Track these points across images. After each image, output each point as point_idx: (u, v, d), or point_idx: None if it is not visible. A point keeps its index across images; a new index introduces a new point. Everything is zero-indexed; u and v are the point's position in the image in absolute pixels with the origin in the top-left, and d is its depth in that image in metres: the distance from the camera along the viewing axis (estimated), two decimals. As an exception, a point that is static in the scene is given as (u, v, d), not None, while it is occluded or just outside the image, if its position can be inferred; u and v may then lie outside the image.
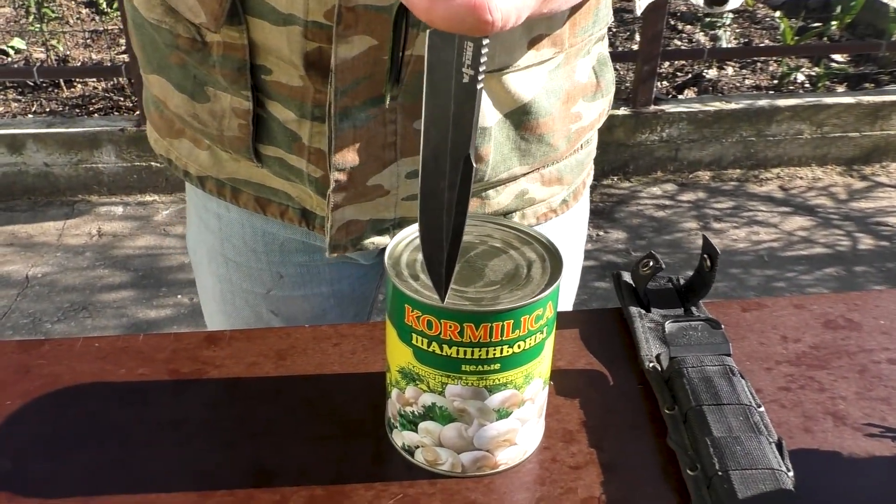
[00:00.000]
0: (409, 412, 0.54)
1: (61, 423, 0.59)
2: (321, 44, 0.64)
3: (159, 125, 0.82)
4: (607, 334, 0.68)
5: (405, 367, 0.52)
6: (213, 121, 0.73)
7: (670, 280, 0.72)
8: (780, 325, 0.70)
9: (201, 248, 0.91)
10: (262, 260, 0.86)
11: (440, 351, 0.50)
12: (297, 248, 0.85)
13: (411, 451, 0.56)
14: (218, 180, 0.81)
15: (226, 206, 0.84)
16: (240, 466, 0.56)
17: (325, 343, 0.67)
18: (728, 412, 0.57)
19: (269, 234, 0.85)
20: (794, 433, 0.59)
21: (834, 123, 3.00)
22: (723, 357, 0.62)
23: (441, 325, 0.49)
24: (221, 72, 0.69)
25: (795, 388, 0.63)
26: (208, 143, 0.78)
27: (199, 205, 0.88)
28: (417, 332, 0.50)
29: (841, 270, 2.51)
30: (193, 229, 0.92)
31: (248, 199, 0.81)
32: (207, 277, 0.92)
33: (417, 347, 0.51)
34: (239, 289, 0.89)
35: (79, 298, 2.26)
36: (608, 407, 0.61)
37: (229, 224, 0.85)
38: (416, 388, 0.53)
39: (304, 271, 0.87)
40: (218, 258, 0.88)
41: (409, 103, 0.67)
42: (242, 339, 0.69)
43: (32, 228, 2.55)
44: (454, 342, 0.49)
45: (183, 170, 0.83)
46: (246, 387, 0.63)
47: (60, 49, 3.26)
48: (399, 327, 0.51)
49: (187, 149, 0.80)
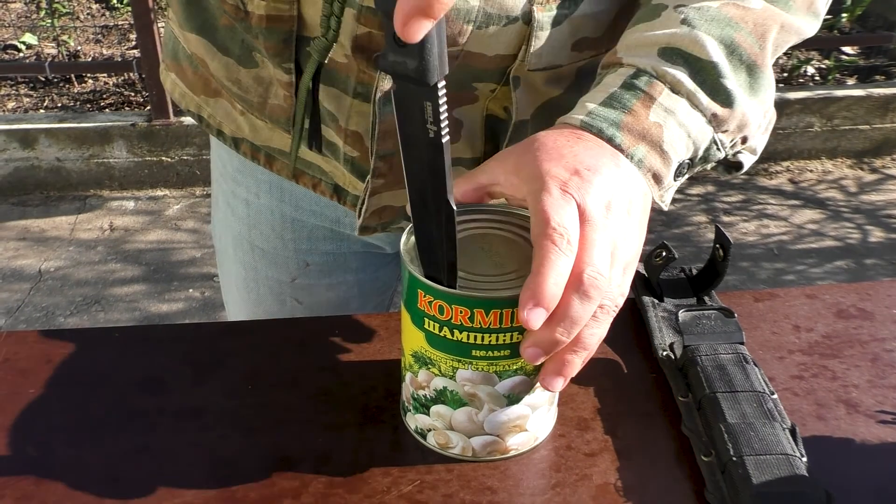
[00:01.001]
0: (422, 395, 0.55)
1: (83, 411, 0.60)
2: (372, 29, 0.63)
3: (192, 81, 0.80)
4: (621, 324, 0.69)
5: (418, 350, 0.53)
6: (257, 87, 0.73)
7: (682, 270, 0.72)
8: (792, 315, 0.71)
9: (227, 235, 0.91)
10: (289, 248, 0.87)
11: (451, 336, 0.51)
12: (325, 235, 0.86)
13: (423, 433, 0.57)
14: (253, 144, 0.80)
15: (255, 192, 0.84)
16: (260, 453, 0.57)
17: (343, 333, 0.68)
18: (742, 399, 0.57)
19: (298, 222, 0.85)
20: (807, 420, 0.60)
21: (844, 116, 2.99)
22: (736, 345, 0.62)
23: (452, 311, 0.50)
24: (265, 43, 0.68)
25: (808, 376, 0.64)
26: (242, 109, 0.77)
27: (227, 191, 0.88)
28: (430, 316, 0.51)
29: (851, 263, 2.50)
30: (220, 216, 0.92)
31: (282, 167, 0.80)
32: (232, 265, 0.93)
33: (429, 332, 0.52)
34: (264, 277, 0.90)
35: (91, 292, 2.27)
36: (622, 395, 0.62)
37: (258, 211, 0.86)
38: (429, 372, 0.53)
39: (331, 259, 0.88)
40: (244, 245, 0.89)
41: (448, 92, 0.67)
42: (261, 329, 0.70)
43: (45, 223, 2.56)
44: (465, 327, 0.50)
45: (216, 128, 0.81)
46: (265, 376, 0.64)
47: (71, 44, 3.27)
48: (413, 312, 0.52)
49: (224, 110, 0.79)
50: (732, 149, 0.60)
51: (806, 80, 3.25)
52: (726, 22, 0.57)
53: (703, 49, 0.56)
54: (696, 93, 0.56)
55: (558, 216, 0.48)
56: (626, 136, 0.54)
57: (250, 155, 0.81)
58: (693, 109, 0.56)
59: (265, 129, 0.77)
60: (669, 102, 0.56)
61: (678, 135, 0.56)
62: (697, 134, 0.57)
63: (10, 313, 2.19)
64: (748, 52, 0.58)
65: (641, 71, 0.57)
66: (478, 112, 0.70)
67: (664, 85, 0.56)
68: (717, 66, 0.57)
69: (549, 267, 0.47)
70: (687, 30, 0.57)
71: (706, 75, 0.57)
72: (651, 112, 0.55)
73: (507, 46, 0.64)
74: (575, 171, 0.51)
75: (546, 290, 0.47)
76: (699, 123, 0.57)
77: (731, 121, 0.58)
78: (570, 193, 0.50)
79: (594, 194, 0.50)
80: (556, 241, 0.47)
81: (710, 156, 0.59)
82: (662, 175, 0.56)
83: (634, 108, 0.55)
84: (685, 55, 0.57)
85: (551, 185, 0.50)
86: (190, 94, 0.81)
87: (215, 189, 0.92)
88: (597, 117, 0.55)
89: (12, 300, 2.23)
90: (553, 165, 0.51)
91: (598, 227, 0.50)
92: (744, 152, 0.61)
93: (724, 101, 0.57)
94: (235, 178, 0.87)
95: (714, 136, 0.58)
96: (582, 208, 0.50)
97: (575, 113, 0.57)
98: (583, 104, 0.57)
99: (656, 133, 0.55)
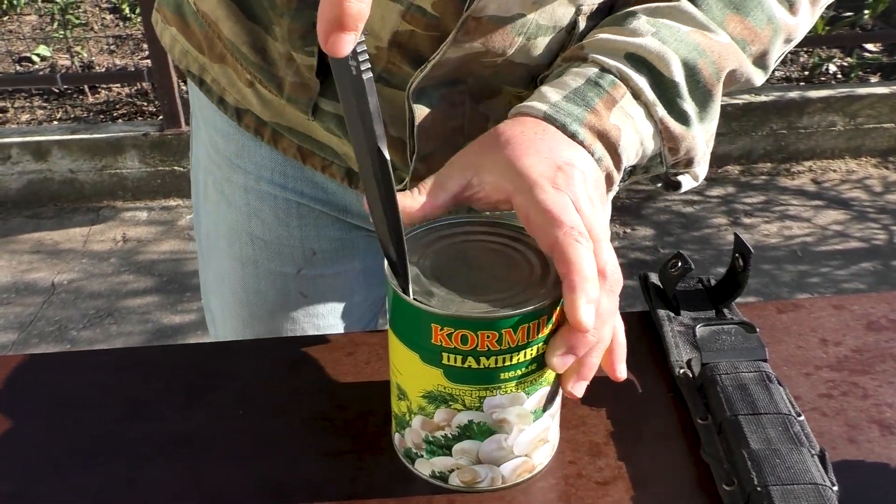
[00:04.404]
0: (441, 437, 0.51)
1: (69, 440, 0.57)
2: (416, 28, 0.62)
3: (197, 41, 0.74)
4: (634, 339, 0.65)
5: (433, 390, 0.49)
6: (281, 60, 0.69)
7: (700, 281, 0.68)
8: (818, 328, 0.66)
9: (220, 227, 0.85)
10: (294, 236, 0.82)
11: (477, 365, 0.47)
12: (332, 221, 0.82)
13: (444, 476, 0.52)
14: (259, 118, 0.75)
15: (256, 177, 0.79)
16: (251, 483, 0.54)
17: (338, 353, 0.65)
18: (766, 422, 0.53)
19: (305, 207, 0.81)
20: (837, 444, 0.55)
21: (868, 114, 2.93)
22: (759, 363, 0.58)
23: (478, 337, 0.46)
24: (290, 25, 0.65)
25: (838, 394, 0.60)
26: (250, 80, 0.72)
27: (220, 179, 0.82)
28: (449, 350, 0.47)
29: (878, 265, 2.44)
30: (209, 208, 0.86)
31: (288, 145, 0.76)
32: (226, 262, 0.86)
33: (450, 367, 0.48)
34: (266, 271, 0.84)
35: (104, 305, 2.26)
36: (637, 417, 0.58)
37: (259, 198, 0.80)
38: (449, 410, 0.49)
39: (339, 246, 0.83)
40: (242, 237, 0.83)
41: (475, 87, 0.66)
42: (254, 349, 0.67)
43: (58, 235, 2.55)
44: (492, 352, 0.47)
45: (218, 95, 0.77)
46: (258, 399, 0.60)
47: (84, 55, 3.28)
48: (424, 350, 0.48)
49: (228, 78, 0.74)
50: (674, 167, 0.61)
51: (828, 78, 3.19)
52: (693, 46, 0.58)
53: (668, 66, 0.57)
54: (655, 104, 0.57)
55: (568, 216, 0.48)
56: (587, 133, 0.55)
57: (253, 129, 0.76)
58: (648, 119, 0.57)
59: (276, 105, 0.73)
60: (630, 107, 0.56)
61: (632, 140, 0.57)
62: (647, 143, 0.58)
63: (23, 327, 2.18)
64: (706, 81, 0.59)
65: (606, 70, 0.57)
66: (502, 105, 0.68)
67: (626, 89, 0.57)
68: (678, 86, 0.57)
69: (587, 267, 0.47)
70: (657, 44, 0.57)
71: (665, 90, 0.57)
72: (612, 114, 0.56)
73: (547, 55, 0.64)
74: (557, 167, 0.51)
75: (596, 292, 0.47)
76: (651, 133, 0.58)
77: (681, 141, 0.59)
78: (562, 190, 0.50)
79: (580, 189, 0.51)
80: (579, 240, 0.47)
81: (651, 168, 0.61)
82: (613, 178, 0.57)
83: (597, 106, 0.55)
84: (650, 66, 0.57)
85: (543, 183, 0.50)
86: (193, 54, 0.76)
87: (202, 178, 0.86)
88: (560, 111, 0.55)
89: (25, 314, 2.22)
90: (534, 161, 0.51)
91: (595, 221, 0.50)
92: (686, 175, 0.63)
93: (679, 120, 0.58)
94: (232, 163, 0.80)
95: (661, 150, 0.59)
96: (575, 204, 0.50)
97: (535, 101, 0.56)
98: (543, 94, 0.57)
99: (614, 135, 0.55)
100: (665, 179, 0.64)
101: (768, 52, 0.62)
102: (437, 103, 0.65)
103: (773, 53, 0.63)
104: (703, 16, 0.59)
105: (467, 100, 0.67)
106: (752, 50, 0.61)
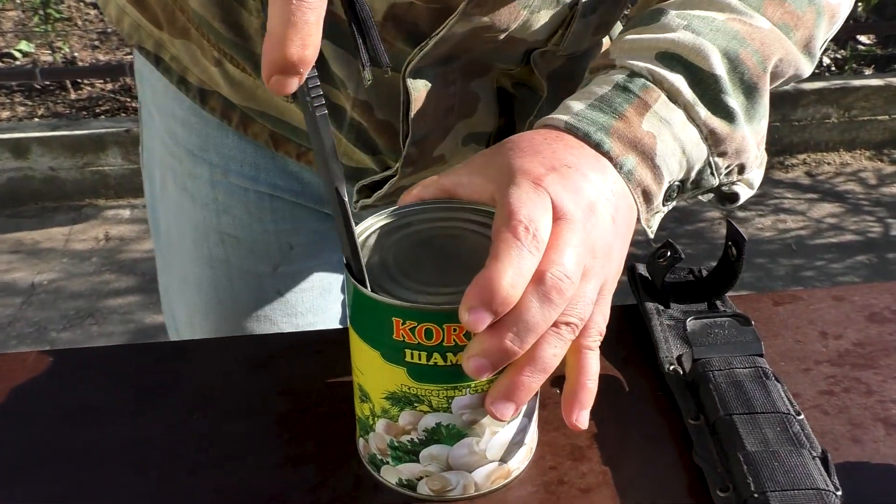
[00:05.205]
0: (407, 441, 0.46)
1: (11, 449, 0.53)
2: (416, 0, 0.56)
3: (153, 13, 0.68)
4: (621, 333, 0.61)
5: (397, 391, 0.45)
6: (257, 36, 0.63)
7: (691, 272, 0.64)
8: (817, 320, 0.62)
9: (185, 227, 0.78)
10: (269, 231, 0.76)
11: (443, 362, 0.43)
12: (309, 214, 0.77)
13: (412, 485, 0.48)
14: (226, 101, 0.70)
15: (223, 171, 0.74)
16: (206, 493, 0.49)
17: (305, 351, 0.60)
18: (762, 422, 0.49)
19: (278, 200, 0.75)
20: (840, 444, 0.51)
21: (862, 106, 2.90)
22: (754, 358, 0.54)
23: (443, 332, 0.42)
24: None
25: (839, 391, 0.56)
26: (218, 58, 0.67)
27: (182, 173, 0.76)
28: (412, 346, 0.43)
29: (873, 258, 2.41)
30: (170, 206, 0.79)
31: (259, 131, 0.70)
32: (192, 265, 0.80)
33: (414, 364, 0.43)
34: (239, 271, 0.78)
35: (85, 305, 2.21)
36: (623, 418, 0.54)
37: (228, 192, 0.75)
38: (414, 412, 0.45)
39: (318, 238, 0.78)
40: (211, 236, 0.77)
41: (468, 64, 0.61)
42: (214, 348, 0.62)
43: (39, 234, 2.50)
44: (460, 347, 0.42)
45: (179, 75, 0.71)
46: (215, 402, 0.56)
47: (67, 51, 3.22)
48: (385, 346, 0.44)
49: (192, 55, 0.68)
50: (728, 176, 0.55)
51: (821, 70, 3.16)
52: (732, 35, 0.52)
53: (706, 59, 0.51)
54: (695, 105, 0.51)
55: (526, 209, 0.42)
56: (615, 143, 0.48)
57: (220, 112, 0.70)
58: (690, 123, 0.51)
59: (248, 85, 0.67)
60: (665, 112, 0.51)
61: (672, 149, 0.50)
62: (692, 151, 0.51)
63: (1, 329, 2.13)
64: (751, 72, 0.53)
65: (636, 74, 0.51)
66: (490, 83, 0.64)
67: (661, 91, 0.51)
68: (720, 80, 0.52)
69: (505, 262, 0.40)
70: (691, 36, 0.52)
71: (706, 87, 0.51)
72: (645, 120, 0.50)
73: (547, 30, 0.60)
74: (552, 168, 0.45)
75: (497, 289, 0.40)
76: (695, 139, 0.51)
77: (729, 142, 0.52)
78: (543, 188, 0.43)
79: (574, 192, 0.44)
80: (520, 234, 0.41)
81: (702, 181, 0.54)
82: (653, 194, 0.50)
83: (627, 113, 0.50)
84: (685, 62, 0.51)
85: (522, 180, 0.44)
86: (147, 28, 0.69)
87: (159, 174, 0.80)
88: (583, 119, 0.49)
89: (3, 315, 2.17)
90: (527, 161, 0.45)
91: (576, 228, 0.43)
92: (739, 184, 0.56)
93: (725, 118, 0.52)
94: (194, 156, 0.75)
95: (709, 158, 0.52)
96: (558, 205, 0.43)
97: (558, 114, 0.51)
98: (567, 105, 0.51)
99: (649, 144, 0.49)
100: (718, 192, 0.57)
101: (814, 36, 0.56)
102: (432, 83, 0.60)
103: (819, 38, 0.57)
104: (738, 2, 0.54)
105: (458, 77, 0.62)
106: (796, 36, 0.55)
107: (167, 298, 0.87)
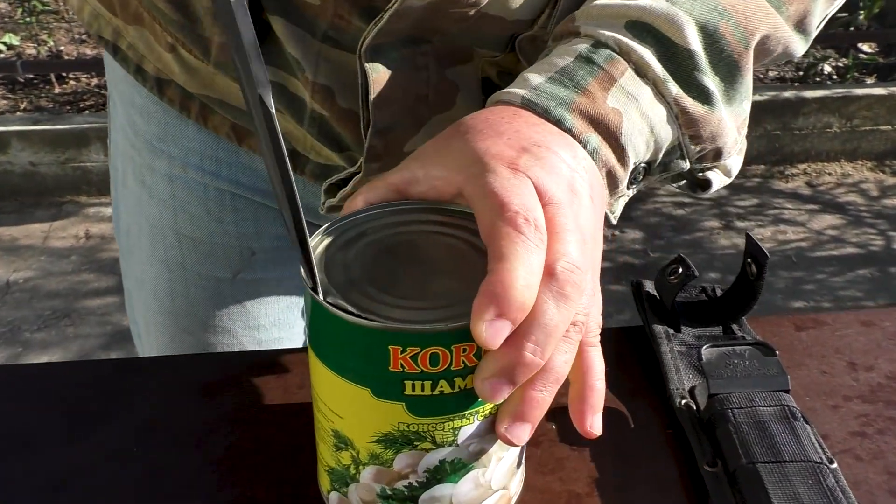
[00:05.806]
0: (403, 487, 0.39)
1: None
2: None
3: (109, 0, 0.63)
4: (626, 360, 0.54)
5: (392, 431, 0.37)
6: (207, 17, 0.57)
7: (704, 290, 0.57)
8: (845, 349, 0.55)
9: (142, 224, 0.72)
10: (229, 233, 0.70)
11: (451, 389, 0.36)
12: (274, 217, 0.70)
13: None
14: (184, 90, 0.64)
15: (182, 164, 0.67)
16: (141, 541, 0.42)
17: (265, 373, 0.53)
18: (792, 473, 0.42)
19: (241, 199, 0.68)
20: (876, 497, 0.44)
21: (864, 116, 2.84)
22: (779, 394, 0.47)
23: (451, 354, 0.35)
24: None
25: (873, 432, 0.49)
26: (171, 43, 0.61)
27: (140, 166, 0.70)
28: (414, 376, 0.36)
29: (875, 271, 2.35)
30: (129, 202, 0.73)
31: (220, 123, 0.64)
32: (148, 266, 0.73)
33: (415, 397, 0.36)
34: (195, 275, 0.71)
35: (61, 305, 2.13)
36: (627, 460, 0.47)
37: (186, 188, 0.68)
38: (414, 453, 0.38)
39: (283, 245, 0.71)
40: (168, 236, 0.71)
41: (442, 48, 0.54)
42: (164, 367, 0.55)
43: (17, 231, 2.42)
44: (469, 368, 0.36)
45: (136, 64, 0.65)
46: (160, 431, 0.49)
47: (52, 44, 3.14)
48: (378, 381, 0.36)
49: (147, 42, 0.62)
50: (700, 162, 0.49)
51: (823, 78, 3.10)
52: (712, 6, 0.46)
53: (680, 32, 0.46)
54: (666, 81, 0.46)
55: (517, 198, 0.37)
56: (577, 119, 0.44)
57: (178, 103, 0.64)
58: (658, 100, 0.46)
59: (204, 73, 0.61)
60: (633, 86, 0.45)
61: (640, 127, 0.45)
62: (661, 131, 0.46)
63: (-27, 328, 2.05)
64: (731, 48, 0.47)
65: (602, 44, 0.46)
66: (473, 72, 0.58)
67: (628, 64, 0.46)
68: (694, 56, 0.46)
69: (513, 261, 0.35)
70: (664, 5, 0.46)
71: (679, 64, 0.46)
72: (610, 95, 0.45)
73: (527, 8, 0.52)
74: (523, 149, 0.40)
75: (512, 293, 0.35)
76: (664, 118, 0.46)
77: (703, 125, 0.47)
78: (522, 172, 0.38)
79: (553, 173, 0.39)
80: (521, 226, 0.36)
81: (671, 163, 0.49)
82: (618, 175, 0.45)
83: (590, 87, 0.45)
84: (657, 34, 0.46)
85: (496, 165, 0.38)
86: (106, 16, 0.64)
87: (121, 167, 0.73)
88: (542, 94, 0.44)
89: (-24, 314, 2.10)
90: (491, 144, 0.40)
91: (566, 212, 0.38)
92: (715, 170, 0.51)
93: (699, 99, 0.46)
94: (153, 147, 0.68)
95: (680, 140, 0.48)
96: (541, 189, 0.38)
97: (515, 87, 0.45)
98: (525, 78, 0.46)
99: (614, 121, 0.44)
100: (690, 177, 0.52)
101: (809, 11, 0.50)
102: (398, 66, 0.53)
103: (817, 14, 0.51)
104: None
105: (432, 62, 0.55)
106: (788, 10, 0.49)
107: (129, 303, 0.80)
